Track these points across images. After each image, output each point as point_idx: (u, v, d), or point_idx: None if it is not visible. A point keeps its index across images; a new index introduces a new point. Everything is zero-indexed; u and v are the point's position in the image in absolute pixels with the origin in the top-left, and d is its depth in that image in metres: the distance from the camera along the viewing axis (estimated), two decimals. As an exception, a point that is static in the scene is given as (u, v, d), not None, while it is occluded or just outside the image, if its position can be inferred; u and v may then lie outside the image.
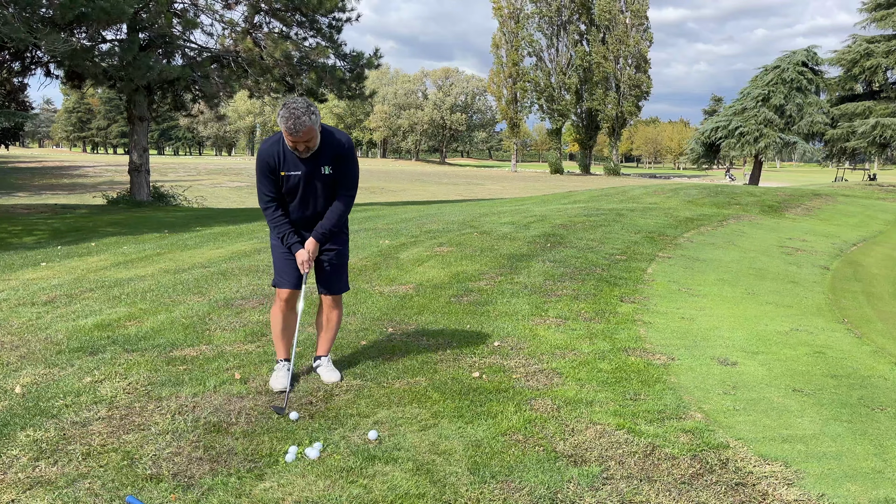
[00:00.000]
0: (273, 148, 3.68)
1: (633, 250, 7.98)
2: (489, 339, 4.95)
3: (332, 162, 3.72)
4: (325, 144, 3.69)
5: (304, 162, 3.68)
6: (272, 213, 3.83)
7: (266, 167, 3.69)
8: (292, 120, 3.43)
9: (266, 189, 3.76)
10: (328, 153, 3.71)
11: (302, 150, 3.58)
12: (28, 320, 5.81)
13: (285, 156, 3.66)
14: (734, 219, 10.88)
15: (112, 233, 12.01)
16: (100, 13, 12.31)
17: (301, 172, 3.68)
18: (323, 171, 3.72)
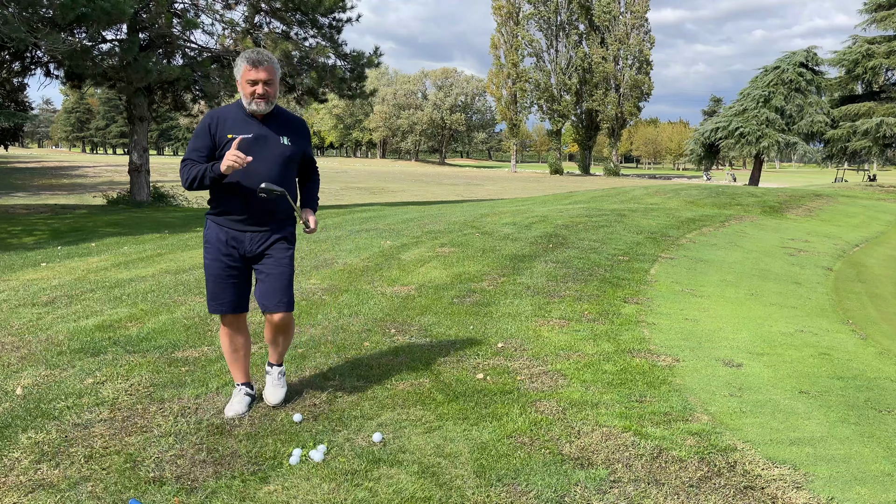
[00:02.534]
0: (219, 110, 3.33)
1: (635, 251, 7.96)
2: (492, 341, 4.92)
3: (291, 135, 3.34)
4: (284, 117, 3.40)
5: (258, 125, 3.27)
6: (190, 165, 3.26)
7: (205, 128, 3.25)
8: (256, 53, 3.17)
9: (196, 147, 3.26)
10: (287, 125, 3.37)
11: (260, 95, 3.17)
12: (29, 321, 5.78)
13: (234, 119, 3.25)
14: (736, 219, 10.86)
15: (112, 233, 11.98)
16: (100, 13, 12.29)
17: (252, 135, 3.21)
18: (281, 140, 3.29)
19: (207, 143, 3.25)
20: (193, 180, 3.19)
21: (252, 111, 3.24)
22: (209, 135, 3.23)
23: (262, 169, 3.20)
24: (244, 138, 3.18)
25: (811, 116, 32.59)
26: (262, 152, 3.23)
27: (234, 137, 3.16)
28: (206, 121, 3.26)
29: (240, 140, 3.16)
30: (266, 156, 3.24)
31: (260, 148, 3.22)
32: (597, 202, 14.08)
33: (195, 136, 3.28)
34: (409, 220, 11.20)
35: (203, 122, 3.27)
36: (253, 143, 3.20)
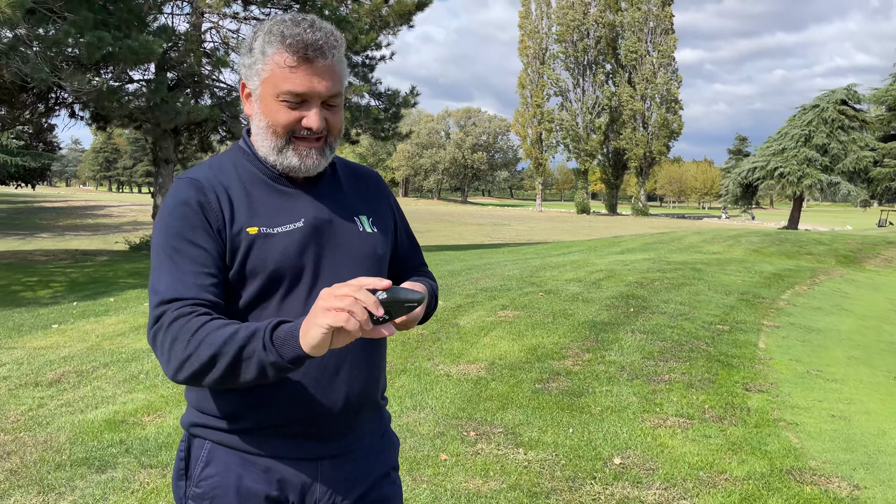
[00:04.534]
0: (207, 169, 1.45)
1: (732, 318, 6.85)
2: (605, 452, 3.84)
3: (370, 207, 1.59)
4: (347, 172, 1.61)
5: (304, 198, 1.46)
6: (182, 325, 1.26)
7: (192, 214, 1.37)
8: (306, 23, 1.36)
9: (181, 263, 1.34)
10: (358, 188, 1.59)
11: (312, 133, 1.38)
12: (28, 409, 4.81)
13: (249, 186, 1.44)
14: (824, 274, 9.74)
15: (132, 285, 11.11)
16: (128, 52, 11.62)
17: (304, 223, 1.43)
18: (357, 223, 1.52)
19: (209, 249, 1.36)
20: (207, 368, 1.21)
21: (288, 168, 1.42)
22: (208, 229, 1.36)
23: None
24: (292, 230, 1.41)
25: (855, 153, 31.34)
26: (329, 255, 1.44)
27: (269, 232, 1.39)
28: (188, 196, 1.38)
29: (293, 239, 1.41)
30: (337, 261, 1.45)
31: (322, 247, 1.44)
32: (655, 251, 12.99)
33: (172, 234, 1.36)
34: (456, 272, 10.19)
35: (178, 200, 1.38)
36: (309, 237, 1.42)
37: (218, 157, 1.50)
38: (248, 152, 1.47)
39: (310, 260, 1.42)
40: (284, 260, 1.38)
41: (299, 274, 1.40)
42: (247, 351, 1.18)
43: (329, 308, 1.10)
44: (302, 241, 1.40)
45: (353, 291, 1.11)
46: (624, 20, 62.98)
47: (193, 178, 1.40)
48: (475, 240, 29.42)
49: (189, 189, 1.38)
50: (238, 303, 1.38)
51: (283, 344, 1.16)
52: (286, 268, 1.38)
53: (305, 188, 1.46)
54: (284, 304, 1.39)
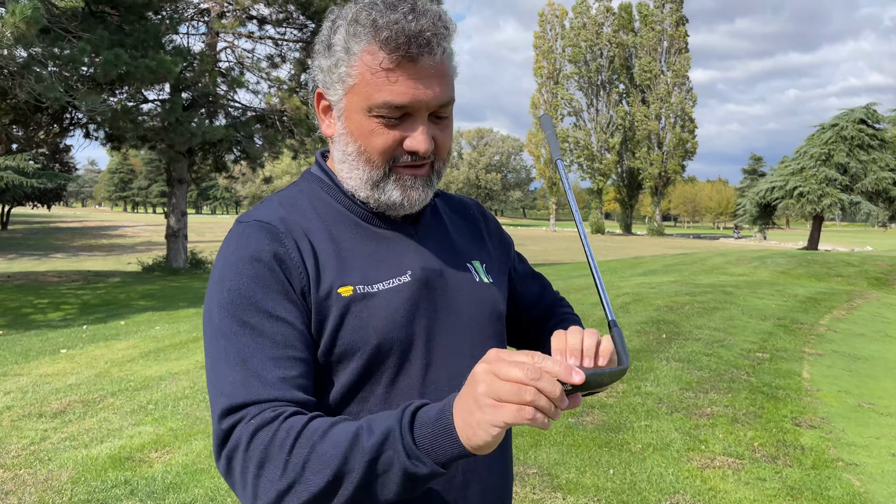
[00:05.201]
0: (285, 214, 1.08)
1: (772, 345, 6.50)
2: (651, 498, 3.51)
3: (483, 244, 1.27)
4: (452, 205, 1.30)
5: (409, 245, 1.12)
6: (276, 439, 0.88)
7: (263, 281, 1.00)
8: (405, 6, 0.99)
9: (254, 370, 0.95)
10: (464, 222, 1.28)
11: (416, 158, 1.04)
12: (31, 442, 4.54)
13: (333, 229, 1.09)
14: (860, 298, 9.35)
15: (144, 307, 10.88)
16: (144, 71, 11.51)
17: (411, 277, 1.08)
18: (472, 271, 1.18)
19: (294, 323, 1.00)
20: (324, 499, 0.85)
21: (387, 205, 1.08)
22: (290, 292, 1.01)
23: (446, 367, 1.09)
24: (398, 287, 1.07)
25: (875, 173, 30.86)
26: (443, 318, 1.11)
27: (369, 291, 1.04)
28: (260, 246, 1.02)
29: (400, 298, 1.06)
30: (453, 326, 1.11)
31: (434, 307, 1.10)
32: (679, 272, 12.62)
33: (241, 303, 0.99)
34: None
35: (247, 253, 1.02)
36: (419, 294, 1.08)
37: (287, 191, 1.15)
38: (329, 184, 1.12)
39: (421, 326, 1.07)
40: (391, 328, 1.03)
41: (409, 346, 1.05)
42: (382, 463, 0.82)
43: (500, 400, 0.77)
44: (411, 302, 1.06)
45: (531, 379, 0.76)
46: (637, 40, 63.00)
47: (264, 222, 1.04)
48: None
49: (261, 237, 1.02)
50: (328, 394, 1.02)
51: (434, 445, 0.82)
52: (394, 339, 1.04)
53: (405, 229, 1.12)
54: (394, 389, 1.04)
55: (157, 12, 13.02)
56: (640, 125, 61.33)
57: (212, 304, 1.01)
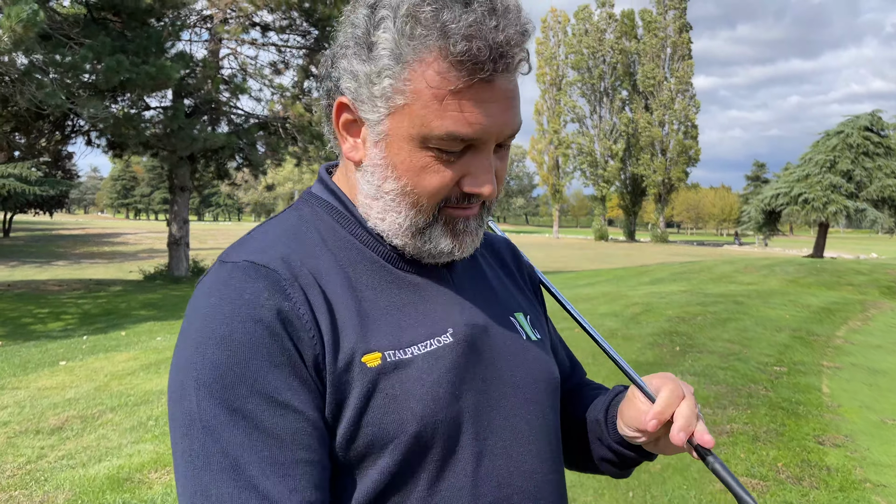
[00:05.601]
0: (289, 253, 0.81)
1: (789, 357, 6.34)
2: (675, 524, 3.34)
3: (524, 293, 1.05)
4: (488, 245, 1.06)
5: (446, 295, 0.88)
6: None
7: (264, 353, 0.73)
8: (483, 4, 0.74)
9: (257, 483, 0.70)
10: (500, 264, 1.05)
11: (488, 187, 0.81)
12: (27, 461, 4.39)
13: (355, 281, 0.83)
14: (874, 308, 9.19)
15: (145, 317, 10.74)
16: (145, 78, 11.41)
17: (453, 336, 0.84)
18: (517, 326, 0.94)
19: (306, 412, 0.74)
20: None
21: (430, 253, 0.85)
22: (298, 367, 0.74)
23: (504, 455, 0.85)
24: (439, 351, 0.82)
25: (881, 180, 30.72)
26: (495, 390, 0.86)
27: (402, 358, 0.79)
28: (258, 302, 0.75)
29: (443, 366, 0.82)
30: (507, 401, 0.87)
31: (485, 375, 0.85)
32: (688, 281, 12.46)
33: (234, 388, 0.72)
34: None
35: (242, 313, 0.74)
36: (466, 360, 0.83)
37: (285, 216, 0.88)
38: (344, 212, 0.88)
39: (469, 403, 0.82)
40: (434, 409, 0.78)
41: (457, 431, 0.81)
42: None
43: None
44: (456, 370, 0.81)
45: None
46: (640, 47, 63.00)
47: (261, 265, 0.77)
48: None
49: (257, 286, 0.75)
50: (350, 499, 0.77)
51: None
52: (438, 423, 0.78)
53: (437, 273, 0.88)
54: (438, 491, 0.79)
55: (159, 19, 12.94)
56: (644, 132, 61.26)
57: (185, 381, 0.73)
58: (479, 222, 0.86)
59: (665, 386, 0.86)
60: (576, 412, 1.06)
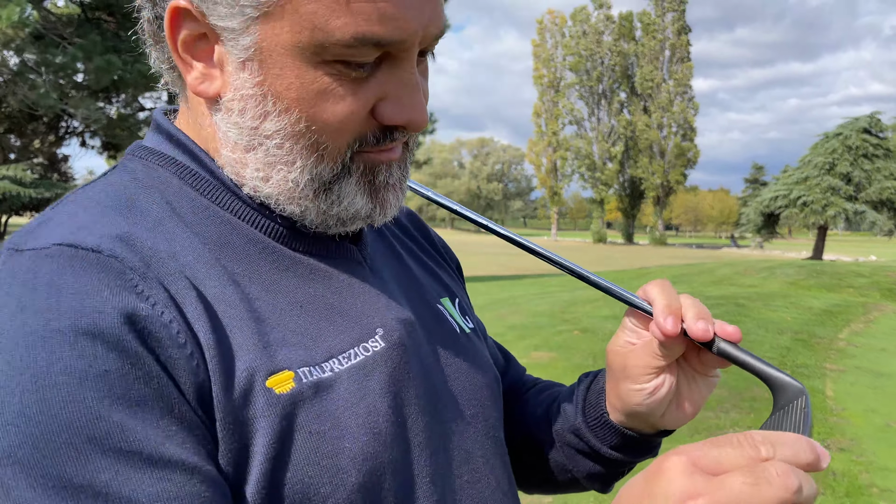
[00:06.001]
0: (140, 232, 0.55)
1: (791, 360, 6.24)
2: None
3: (442, 269, 0.84)
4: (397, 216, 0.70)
5: (366, 281, 0.66)
6: None
7: (111, 375, 0.46)
8: None
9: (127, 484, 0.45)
10: (409, 235, 0.84)
11: (418, 112, 0.58)
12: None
13: (235, 275, 0.58)
14: (877, 310, 9.10)
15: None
16: (138, 77, 11.33)
17: (383, 339, 0.62)
18: (447, 316, 0.74)
19: (184, 456, 0.48)
20: None
21: (345, 219, 0.62)
22: (166, 397, 0.49)
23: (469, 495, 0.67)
24: (368, 363, 0.61)
25: (880, 183, 30.68)
26: (439, 402, 0.66)
27: (320, 377, 0.57)
28: (88, 310, 0.47)
29: (377, 383, 0.61)
30: (452, 418, 0.68)
31: (423, 387, 0.65)
32: (688, 283, 12.35)
33: (57, 453, 0.44)
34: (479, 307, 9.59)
35: (55, 327, 0.46)
36: (399, 369, 0.62)
37: (113, 182, 0.60)
38: (206, 177, 0.62)
39: (418, 431, 0.62)
40: (378, 448, 0.57)
41: (410, 473, 0.60)
42: None
43: None
44: (394, 386, 0.60)
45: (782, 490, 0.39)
46: (639, 49, 63.03)
47: (90, 251, 0.51)
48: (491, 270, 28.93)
49: (88, 283, 0.49)
50: None
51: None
52: (386, 466, 0.58)
53: (346, 252, 0.66)
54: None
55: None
56: (642, 134, 61.26)
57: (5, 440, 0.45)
58: (404, 171, 0.64)
59: (652, 285, 0.68)
60: (525, 424, 0.84)
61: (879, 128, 32.41)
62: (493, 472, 0.69)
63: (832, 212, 30.46)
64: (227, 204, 0.61)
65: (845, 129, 32.28)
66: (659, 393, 0.69)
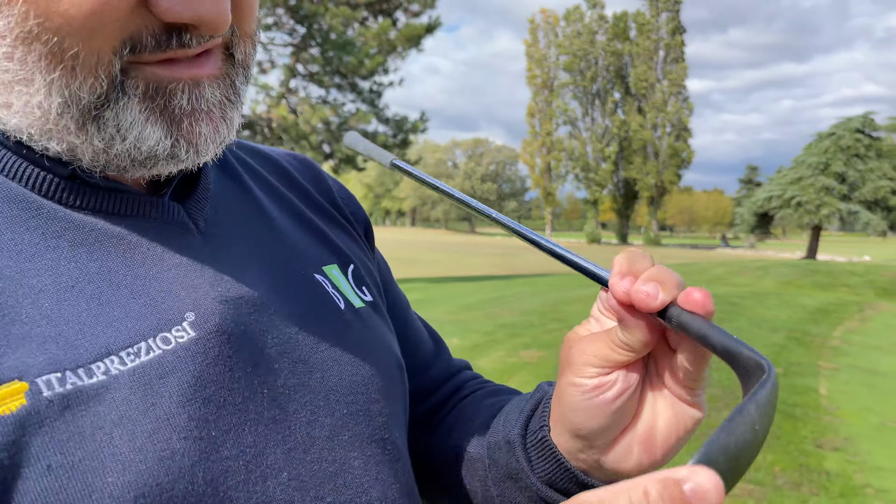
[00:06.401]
0: None
1: (785, 359, 6.14)
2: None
3: (350, 236, 0.69)
4: (271, 166, 0.67)
5: (183, 255, 0.49)
6: None
7: None
8: None
9: None
10: (308, 201, 0.67)
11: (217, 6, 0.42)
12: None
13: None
14: (871, 308, 9.03)
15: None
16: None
17: (196, 327, 0.46)
18: (329, 286, 0.59)
19: None
20: None
21: (140, 160, 0.46)
22: None
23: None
24: (164, 360, 0.44)
25: (873, 183, 30.72)
26: (287, 409, 0.50)
27: (78, 384, 0.40)
28: None
29: (177, 389, 0.44)
30: (321, 429, 0.52)
31: (263, 392, 0.49)
32: (680, 282, 12.23)
33: None
34: (470, 305, 9.51)
35: None
36: (218, 369, 0.46)
37: None
38: None
39: (244, 448, 0.46)
40: (162, 476, 0.41)
41: (226, 495, 0.44)
42: None
43: None
44: (205, 391, 0.45)
45: None
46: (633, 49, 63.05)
47: None
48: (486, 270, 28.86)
49: None
50: None
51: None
52: (176, 499, 0.41)
53: (158, 211, 0.50)
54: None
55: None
56: (636, 135, 61.27)
57: None
58: (229, 94, 0.47)
59: (621, 254, 0.51)
60: (453, 434, 0.68)
61: (873, 128, 32.45)
62: (377, 483, 0.54)
63: (826, 211, 30.48)
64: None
65: (839, 129, 32.31)
66: (604, 394, 0.50)
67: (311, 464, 0.49)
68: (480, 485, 0.63)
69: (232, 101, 0.47)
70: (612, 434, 0.52)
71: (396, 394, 0.59)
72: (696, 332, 0.45)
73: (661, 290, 0.46)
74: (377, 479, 0.53)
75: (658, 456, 0.52)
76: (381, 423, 0.56)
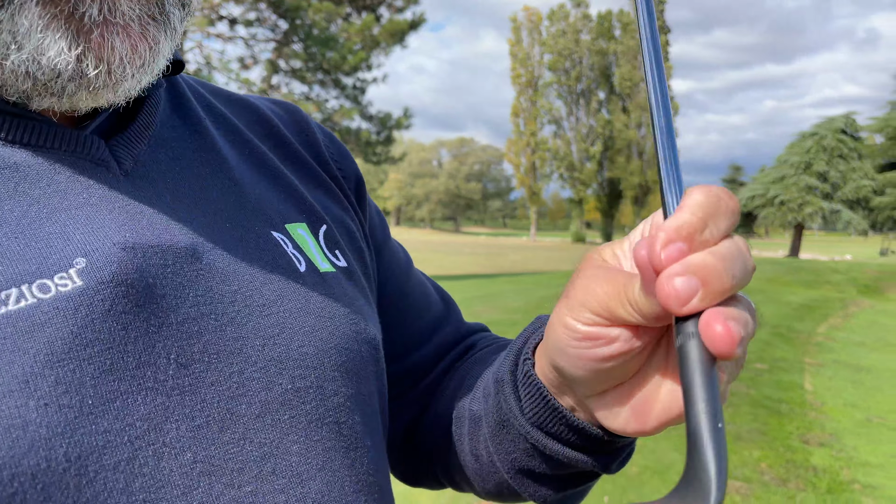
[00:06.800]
0: None
1: (770, 354, 6.11)
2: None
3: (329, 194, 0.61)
4: (245, 115, 0.60)
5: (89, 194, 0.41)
6: None
7: None
8: None
9: None
10: (284, 151, 0.60)
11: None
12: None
13: None
14: (855, 305, 9.05)
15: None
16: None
17: (86, 275, 0.38)
18: (288, 246, 0.51)
19: None
20: None
21: (42, 78, 0.38)
22: None
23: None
24: (28, 310, 0.36)
25: (855, 182, 31.03)
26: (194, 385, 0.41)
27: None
28: None
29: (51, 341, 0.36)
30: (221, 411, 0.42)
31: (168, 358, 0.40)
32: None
33: None
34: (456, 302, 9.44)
35: None
36: (107, 323, 0.38)
37: None
38: None
39: (136, 418, 0.37)
40: (12, 452, 0.32)
41: (97, 476, 0.35)
42: None
43: None
44: (82, 347, 0.36)
45: None
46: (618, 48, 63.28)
47: None
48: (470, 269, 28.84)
49: None
50: None
51: None
52: (24, 482, 0.32)
53: (60, 144, 0.42)
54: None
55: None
56: (620, 134, 61.52)
57: None
58: (153, 10, 0.40)
59: (699, 189, 0.37)
60: (456, 395, 0.61)
61: (855, 128, 32.79)
62: (320, 473, 0.45)
63: (809, 210, 30.74)
64: None
65: (821, 128, 32.61)
66: (595, 349, 0.41)
67: (228, 445, 0.40)
68: (483, 446, 0.57)
69: (156, 21, 0.40)
70: (597, 389, 0.44)
71: (363, 373, 0.51)
72: (686, 379, 0.32)
73: (698, 297, 0.33)
74: (322, 468, 0.45)
75: (648, 428, 0.43)
76: (336, 404, 0.47)
